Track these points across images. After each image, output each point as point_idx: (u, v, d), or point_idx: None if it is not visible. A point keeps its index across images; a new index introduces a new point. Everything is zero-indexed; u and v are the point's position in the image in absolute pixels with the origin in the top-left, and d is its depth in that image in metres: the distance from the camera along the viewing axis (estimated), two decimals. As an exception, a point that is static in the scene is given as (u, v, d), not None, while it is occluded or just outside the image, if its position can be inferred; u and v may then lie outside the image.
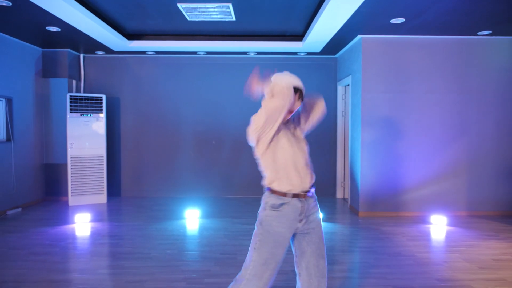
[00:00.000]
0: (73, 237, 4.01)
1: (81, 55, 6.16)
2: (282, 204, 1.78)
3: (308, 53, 5.98)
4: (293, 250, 1.88)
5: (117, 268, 3.14)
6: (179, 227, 4.40)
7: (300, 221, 1.80)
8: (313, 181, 1.85)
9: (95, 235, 4.10)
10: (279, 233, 1.77)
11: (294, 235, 1.86)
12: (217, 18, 4.57)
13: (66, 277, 2.93)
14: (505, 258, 3.34)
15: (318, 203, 1.92)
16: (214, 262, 3.25)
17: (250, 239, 1.86)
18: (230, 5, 4.09)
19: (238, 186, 6.28)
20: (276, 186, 1.79)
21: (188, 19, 4.61)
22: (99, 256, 3.43)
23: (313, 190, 1.87)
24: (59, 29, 4.73)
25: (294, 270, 1.91)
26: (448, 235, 4.11)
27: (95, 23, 4.44)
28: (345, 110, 6.11)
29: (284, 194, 1.77)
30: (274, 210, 1.78)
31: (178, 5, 4.10)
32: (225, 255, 3.43)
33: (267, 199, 1.81)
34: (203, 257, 3.39)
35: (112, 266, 3.18)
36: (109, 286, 2.78)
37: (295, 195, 1.78)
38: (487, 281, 2.85)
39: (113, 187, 6.28)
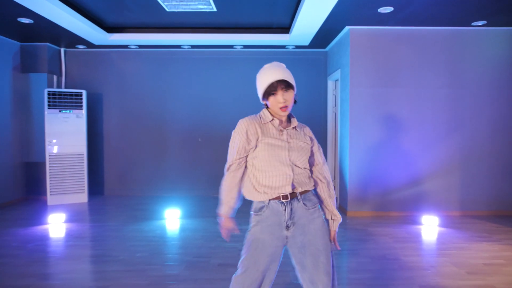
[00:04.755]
0: (43, 238, 3.82)
1: (62, 50, 5.95)
2: (262, 208, 1.62)
3: (297, 47, 5.76)
4: (293, 263, 1.65)
5: (80, 273, 2.94)
6: (157, 228, 4.20)
7: (287, 228, 1.60)
8: (305, 187, 1.64)
9: (66, 236, 3.90)
10: (262, 240, 1.59)
11: (289, 246, 1.64)
12: (197, 8, 4.35)
13: (23, 283, 2.73)
14: (496, 263, 3.13)
15: (319, 211, 1.67)
16: (185, 266, 3.04)
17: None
18: (208, -6, 3.88)
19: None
20: (256, 188, 1.65)
21: (167, 10, 4.40)
22: (65, 260, 3.23)
23: (311, 197, 1.67)
24: (32, 21, 4.52)
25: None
26: (438, 237, 3.89)
27: (68, 14, 4.24)
28: (335, 105, 5.89)
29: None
30: (256, 214, 1.64)
31: (153, -6, 3.89)
32: (198, 258, 3.23)
33: (253, 203, 1.68)
34: (175, 260, 3.19)
35: (76, 270, 2.98)
36: (67, 293, 2.59)
37: (274, 198, 1.61)
38: (475, 288, 2.64)
39: (96, 185, 6.08)
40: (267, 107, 1.70)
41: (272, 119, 1.67)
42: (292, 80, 1.65)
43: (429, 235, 3.96)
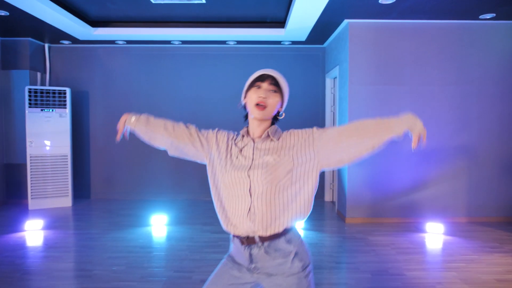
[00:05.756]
0: (15, 248, 3.50)
1: (46, 45, 5.64)
2: (231, 240, 1.38)
3: (293, 42, 5.44)
4: None
5: (46, 291, 2.63)
6: (139, 236, 3.89)
7: (252, 271, 1.29)
8: (269, 232, 1.24)
9: (40, 246, 3.59)
10: (232, 260, 1.36)
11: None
12: (184, 0, 4.03)
13: (-21, 303, 2.43)
14: (510, 278, 2.82)
15: (298, 263, 1.26)
16: (164, 283, 2.74)
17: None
18: (195, -17, 3.57)
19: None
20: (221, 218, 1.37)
21: (152, 1, 4.09)
22: (31, 275, 2.92)
23: (281, 245, 1.26)
24: (7, 13, 4.21)
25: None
26: (445, 247, 3.58)
27: (47, 6, 3.93)
28: (334, 104, 5.57)
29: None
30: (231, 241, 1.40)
31: (135, -17, 3.58)
32: (179, 273, 2.92)
33: None
34: (153, 275, 2.88)
35: (41, 288, 2.67)
36: (26, 317, 2.28)
37: (236, 236, 1.31)
38: (489, 311, 2.33)
39: (82, 189, 5.77)
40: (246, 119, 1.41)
41: (247, 134, 1.36)
42: (284, 86, 1.31)
43: (435, 245, 3.64)
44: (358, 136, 1.21)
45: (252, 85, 1.30)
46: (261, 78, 1.29)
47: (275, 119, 1.37)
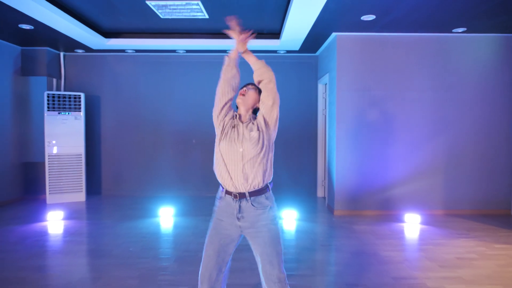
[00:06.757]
0: (41, 234, 4.00)
1: (61, 54, 6.15)
2: (220, 198, 1.88)
3: (288, 51, 5.96)
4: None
5: (74, 266, 3.12)
6: (150, 225, 4.38)
7: (238, 219, 1.80)
8: (255, 188, 1.79)
9: (63, 233, 4.08)
10: (219, 222, 1.84)
11: (244, 235, 1.86)
12: (189, 15, 4.55)
13: (19, 275, 2.92)
14: (468, 257, 3.31)
15: (272, 213, 1.83)
16: (174, 260, 3.23)
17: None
18: (200, 2, 4.07)
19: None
20: (218, 178, 1.88)
21: (161, 16, 4.60)
22: (60, 254, 3.41)
23: (262, 200, 1.81)
24: (32, 27, 4.73)
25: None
26: (419, 234, 4.07)
27: (67, 21, 4.43)
28: (325, 108, 6.07)
29: (222, 188, 1.86)
30: (217, 201, 1.90)
31: (147, 2, 4.08)
32: (187, 252, 3.41)
33: (219, 188, 1.93)
34: (165, 254, 3.37)
35: (69, 264, 3.16)
36: (59, 284, 2.76)
37: (228, 192, 1.83)
38: (443, 279, 2.82)
39: (94, 185, 6.27)
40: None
41: (238, 118, 1.90)
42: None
43: (410, 232, 4.13)
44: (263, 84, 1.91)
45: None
46: (245, 86, 1.98)
47: (255, 113, 1.94)
